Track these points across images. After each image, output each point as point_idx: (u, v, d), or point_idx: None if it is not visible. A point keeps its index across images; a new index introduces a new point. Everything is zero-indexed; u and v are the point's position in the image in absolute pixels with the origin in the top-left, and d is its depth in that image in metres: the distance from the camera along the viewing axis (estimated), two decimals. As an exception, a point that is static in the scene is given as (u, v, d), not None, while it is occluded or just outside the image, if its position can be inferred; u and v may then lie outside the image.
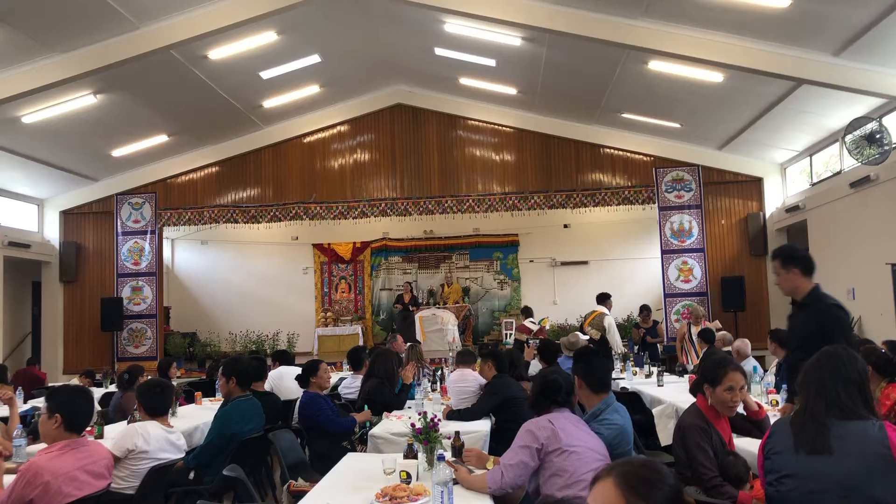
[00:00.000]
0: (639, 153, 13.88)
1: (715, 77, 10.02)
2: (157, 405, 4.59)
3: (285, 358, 8.65)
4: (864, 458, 2.62)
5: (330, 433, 5.77)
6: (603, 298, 10.71)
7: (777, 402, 5.48)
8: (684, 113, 12.09)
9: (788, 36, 8.67)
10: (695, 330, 10.26)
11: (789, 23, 8.32)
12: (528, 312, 12.67)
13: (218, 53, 10.50)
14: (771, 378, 6.46)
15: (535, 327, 11.98)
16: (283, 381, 7.84)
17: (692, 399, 3.83)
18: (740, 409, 3.92)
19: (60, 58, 9.60)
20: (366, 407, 6.12)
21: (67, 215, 14.57)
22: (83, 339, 14.32)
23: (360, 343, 14.47)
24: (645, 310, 12.34)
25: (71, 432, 3.63)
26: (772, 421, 3.73)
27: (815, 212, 11.79)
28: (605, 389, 3.97)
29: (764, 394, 5.99)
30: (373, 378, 6.44)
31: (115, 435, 4.53)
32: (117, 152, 13.26)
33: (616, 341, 10.31)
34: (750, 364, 7.11)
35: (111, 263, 14.29)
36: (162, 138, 13.31)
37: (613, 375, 8.29)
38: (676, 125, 12.66)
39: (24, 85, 9.68)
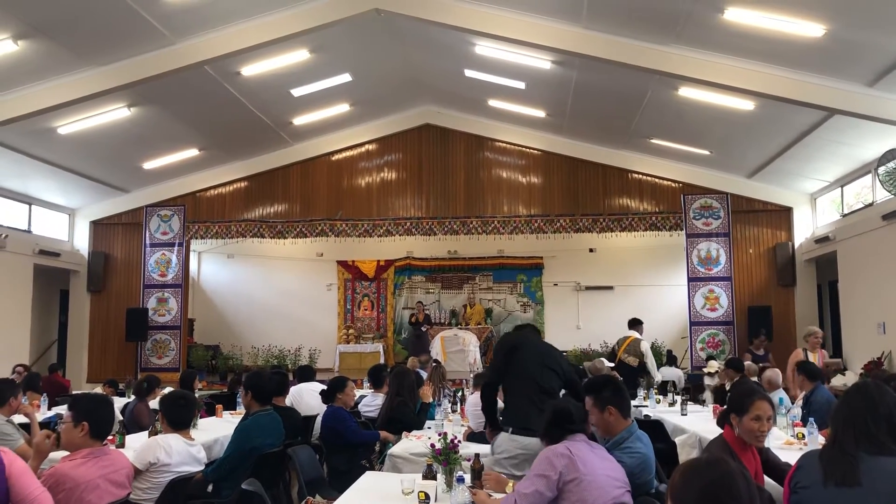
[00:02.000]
0: (667, 179, 13.82)
1: (746, 105, 9.97)
2: (181, 418, 4.61)
3: (306, 374, 8.66)
4: (895, 497, 2.56)
5: (353, 444, 5.80)
6: (635, 323, 10.53)
7: (803, 436, 5.38)
8: (714, 140, 12.03)
9: (822, 65, 8.61)
10: (812, 356, 8.95)
11: (823, 52, 8.27)
12: None
13: (250, 70, 10.66)
14: (797, 411, 6.35)
15: None
16: (303, 397, 7.85)
17: (716, 429, 3.78)
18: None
19: (97, 71, 9.80)
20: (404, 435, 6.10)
21: (97, 225, 14.79)
22: (108, 349, 14.47)
23: (381, 361, 14.47)
24: (760, 335, 11.27)
25: (95, 440, 3.67)
26: (798, 455, 3.67)
27: (845, 243, 11.63)
28: (630, 414, 3.95)
29: (790, 426, 5.89)
30: (398, 396, 6.46)
31: (137, 447, 4.55)
32: (148, 165, 13.47)
33: (654, 368, 10.09)
34: (777, 396, 6.98)
35: (138, 274, 14.46)
36: (192, 152, 13.50)
37: (635, 403, 8.20)
38: (706, 152, 12.59)
39: (62, 97, 9.89)
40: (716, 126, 11.30)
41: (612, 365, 9.70)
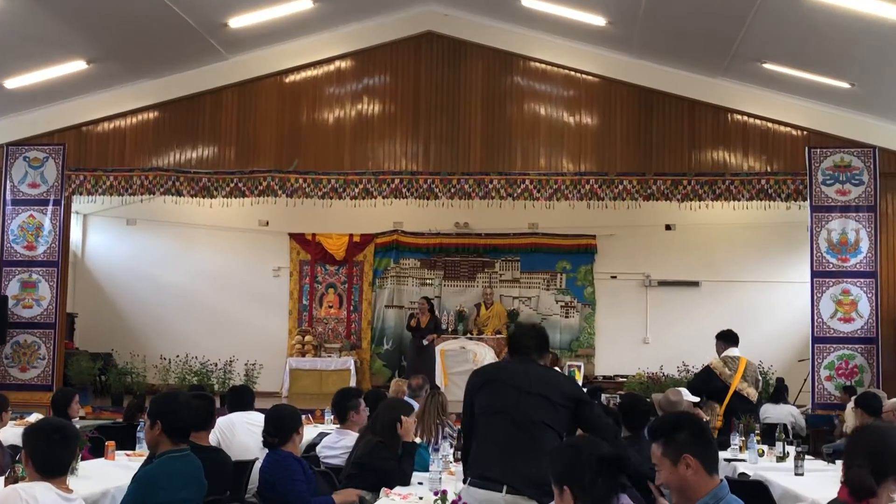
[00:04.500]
0: (785, 124, 13.74)
1: (908, 15, 9.94)
2: (54, 459, 4.59)
3: (241, 399, 8.68)
4: None
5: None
6: (733, 338, 10.38)
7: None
8: (857, 67, 11.98)
9: None
10: None
11: None
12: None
13: (167, -56, 10.63)
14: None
15: None
16: (236, 433, 7.87)
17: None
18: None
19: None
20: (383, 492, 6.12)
21: (-65, 171, 14.80)
22: (-53, 354, 14.53)
23: (352, 384, 14.50)
24: None
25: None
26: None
27: None
28: (717, 469, 3.94)
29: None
30: (369, 435, 6.45)
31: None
32: (12, 82, 13.42)
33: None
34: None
35: (-6, 245, 14.49)
36: (79, 65, 13.46)
37: (727, 455, 8.23)
38: (844, 85, 12.53)
39: None
40: (861, 46, 11.25)
41: (696, 400, 9.69)
